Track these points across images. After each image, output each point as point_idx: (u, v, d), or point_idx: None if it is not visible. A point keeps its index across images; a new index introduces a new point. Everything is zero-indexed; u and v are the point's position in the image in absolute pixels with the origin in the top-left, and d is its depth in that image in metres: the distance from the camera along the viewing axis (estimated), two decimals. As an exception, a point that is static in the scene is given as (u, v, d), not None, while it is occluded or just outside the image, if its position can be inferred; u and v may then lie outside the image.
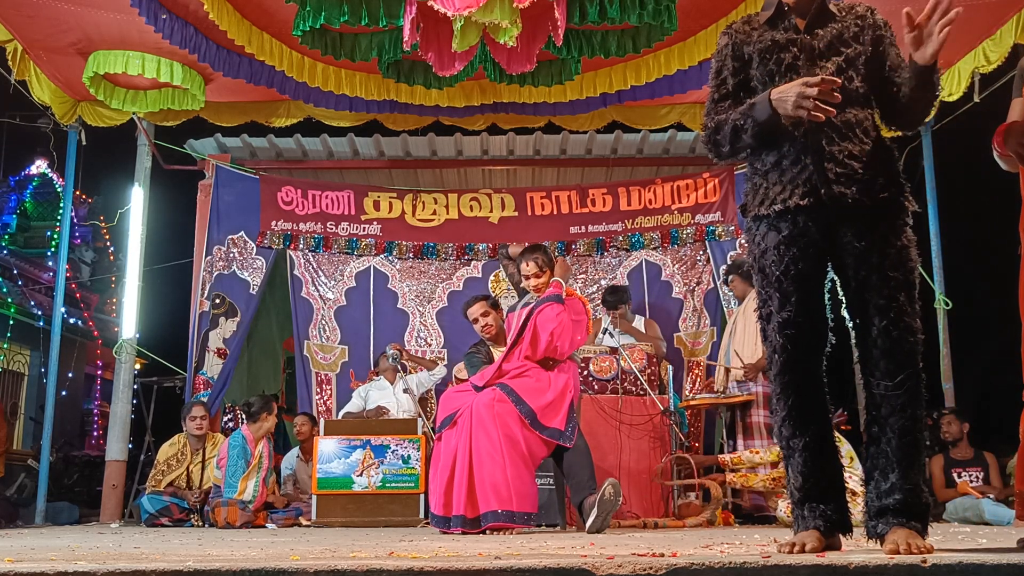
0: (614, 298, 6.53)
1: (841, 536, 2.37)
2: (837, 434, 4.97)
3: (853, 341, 2.37)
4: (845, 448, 5.05)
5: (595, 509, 4.04)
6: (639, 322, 6.69)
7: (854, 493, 2.79)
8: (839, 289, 2.39)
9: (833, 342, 2.42)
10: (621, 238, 7.49)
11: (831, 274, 2.41)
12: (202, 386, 7.02)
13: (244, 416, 6.14)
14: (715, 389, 6.06)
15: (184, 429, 6.29)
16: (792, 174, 2.36)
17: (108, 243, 13.00)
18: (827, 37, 2.39)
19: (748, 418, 5.70)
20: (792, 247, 2.36)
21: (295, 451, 6.75)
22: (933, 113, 2.42)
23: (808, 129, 2.34)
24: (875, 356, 2.29)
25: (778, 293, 2.37)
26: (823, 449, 2.38)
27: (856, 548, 2.35)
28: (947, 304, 6.93)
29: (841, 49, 2.37)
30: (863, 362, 2.33)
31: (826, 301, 2.41)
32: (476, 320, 5.07)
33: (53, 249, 11.33)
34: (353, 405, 6.56)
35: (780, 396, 2.39)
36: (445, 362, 7.25)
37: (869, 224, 2.31)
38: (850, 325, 2.38)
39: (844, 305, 2.38)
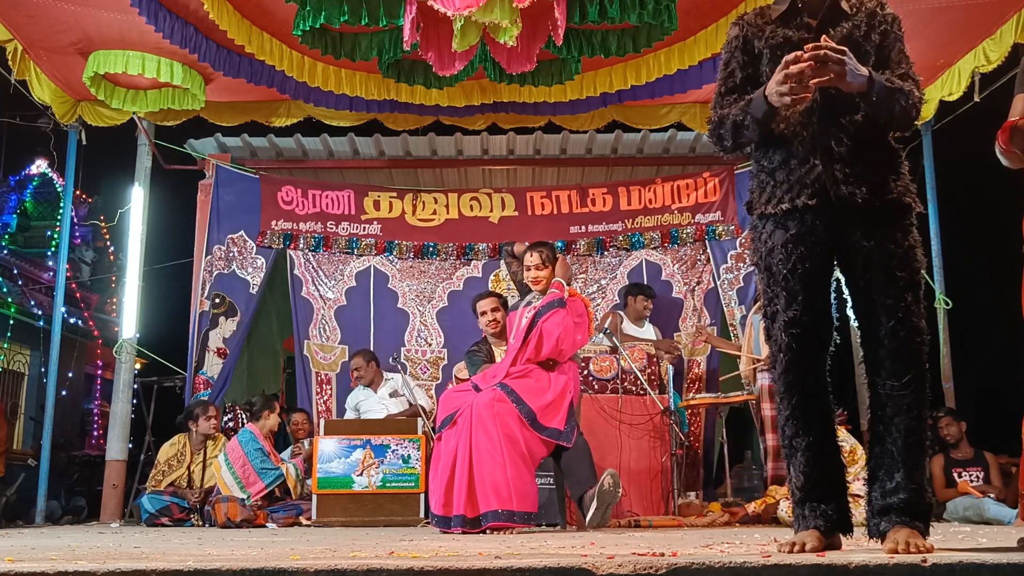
0: (636, 289, 6.76)
1: (841, 536, 2.37)
2: (842, 431, 4.99)
3: (857, 341, 2.37)
4: (850, 444, 5.03)
5: (595, 501, 4.07)
6: (649, 329, 6.71)
7: (856, 496, 2.79)
8: (844, 288, 2.39)
9: (838, 341, 2.42)
10: (621, 238, 7.49)
11: (836, 273, 2.41)
12: (202, 386, 7.02)
13: (247, 416, 6.17)
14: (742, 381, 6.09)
15: (193, 429, 6.25)
16: (800, 174, 2.36)
17: (108, 243, 12.99)
18: (838, 37, 2.38)
19: (761, 412, 5.72)
20: (800, 246, 2.35)
21: (289, 450, 6.73)
22: (919, 116, 2.39)
23: (816, 129, 2.34)
24: (882, 356, 2.28)
25: (785, 292, 2.37)
26: (825, 449, 2.38)
27: (856, 548, 2.35)
28: (947, 304, 6.93)
29: (855, 47, 2.35)
30: (868, 362, 2.33)
31: (832, 300, 2.41)
32: (484, 313, 5.08)
33: (53, 249, 11.32)
34: (348, 415, 6.53)
35: (784, 395, 2.39)
36: (445, 362, 7.27)
37: (877, 224, 2.30)
38: (855, 325, 2.37)
39: (849, 305, 2.38)
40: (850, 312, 2.38)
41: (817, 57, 2.20)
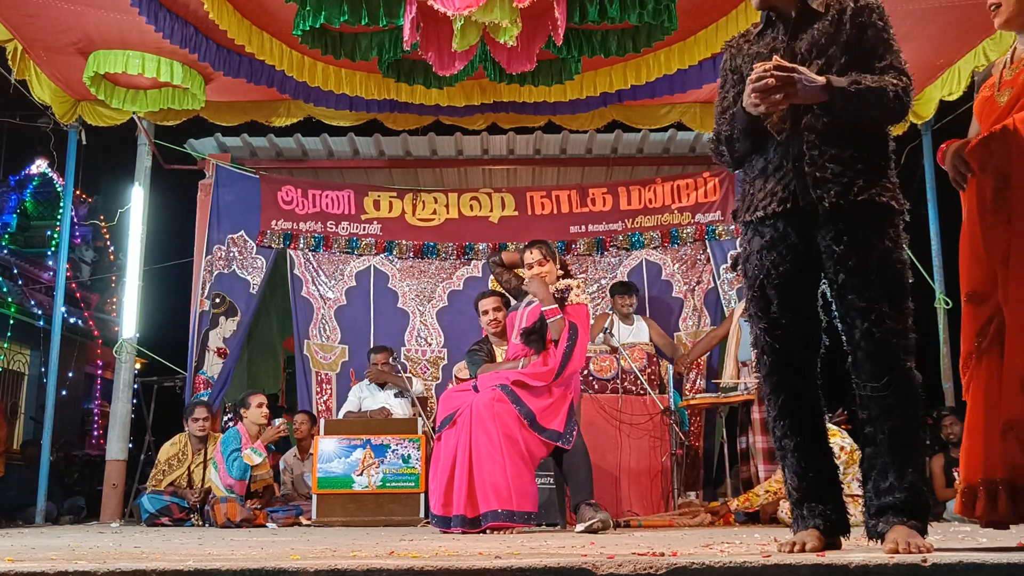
0: (622, 289, 6.70)
1: (841, 536, 2.37)
2: (842, 432, 4.96)
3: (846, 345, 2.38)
4: (849, 445, 5.01)
5: (583, 524, 4.07)
6: (641, 325, 6.70)
7: (856, 496, 2.79)
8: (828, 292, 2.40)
9: (827, 343, 2.43)
10: (621, 237, 7.49)
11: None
12: (202, 386, 7.02)
13: (235, 414, 6.20)
14: (722, 385, 6.07)
15: (186, 429, 6.29)
16: (775, 180, 2.38)
17: (108, 243, 13.01)
18: (804, 45, 2.39)
19: (751, 414, 5.70)
20: (772, 252, 2.38)
21: (292, 450, 6.74)
22: (909, 105, 2.33)
23: (791, 134, 2.35)
24: (860, 358, 2.29)
25: (761, 296, 2.41)
26: (816, 449, 2.40)
27: (856, 547, 2.35)
28: (947, 304, 6.93)
29: (823, 50, 2.36)
30: (852, 364, 2.34)
31: (818, 303, 2.42)
32: (487, 312, 5.06)
33: (53, 249, 11.33)
34: (351, 404, 6.54)
35: (771, 397, 2.42)
36: (445, 361, 7.26)
37: (848, 227, 2.28)
38: (840, 327, 2.38)
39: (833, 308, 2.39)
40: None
41: (761, 85, 2.23)
